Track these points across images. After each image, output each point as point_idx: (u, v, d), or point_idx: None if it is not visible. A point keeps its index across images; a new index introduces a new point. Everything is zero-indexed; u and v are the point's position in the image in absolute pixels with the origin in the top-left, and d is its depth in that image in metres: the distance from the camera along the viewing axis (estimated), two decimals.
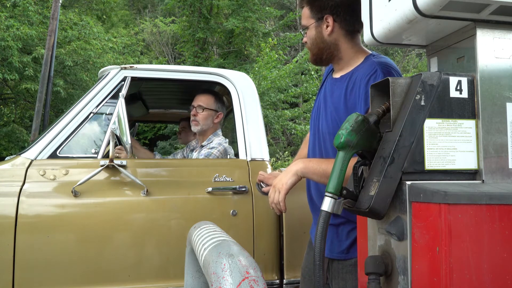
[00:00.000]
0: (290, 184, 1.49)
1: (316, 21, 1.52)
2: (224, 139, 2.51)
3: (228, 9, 15.51)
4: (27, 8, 10.31)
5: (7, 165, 1.96)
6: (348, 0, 1.50)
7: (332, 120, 1.53)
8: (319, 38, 1.53)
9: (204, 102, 2.51)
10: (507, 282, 0.90)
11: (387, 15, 1.15)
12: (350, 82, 1.49)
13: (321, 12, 1.51)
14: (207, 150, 2.38)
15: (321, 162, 1.49)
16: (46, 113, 7.11)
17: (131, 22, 19.92)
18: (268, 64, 11.89)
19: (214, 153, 2.35)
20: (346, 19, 1.51)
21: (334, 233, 1.52)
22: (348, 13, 1.50)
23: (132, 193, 2.01)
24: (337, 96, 1.53)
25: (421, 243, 0.93)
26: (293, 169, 1.50)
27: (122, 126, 1.82)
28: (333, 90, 1.57)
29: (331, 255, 1.52)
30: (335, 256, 1.51)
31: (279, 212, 1.56)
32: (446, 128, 1.03)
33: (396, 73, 1.46)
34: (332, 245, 1.52)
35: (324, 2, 1.50)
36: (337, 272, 1.50)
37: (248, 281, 0.91)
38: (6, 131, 10.60)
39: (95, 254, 1.90)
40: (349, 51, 1.54)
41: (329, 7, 1.50)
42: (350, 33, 1.53)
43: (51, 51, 6.83)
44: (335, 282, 1.51)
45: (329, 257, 1.53)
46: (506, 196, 0.92)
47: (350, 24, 1.52)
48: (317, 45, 1.54)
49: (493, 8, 1.00)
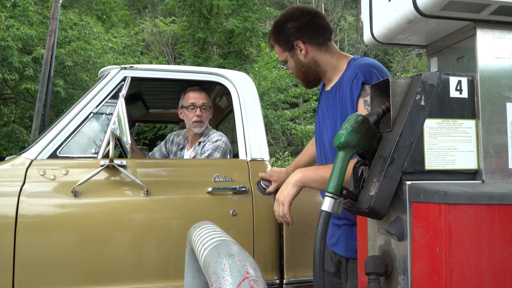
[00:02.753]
0: (292, 195, 1.53)
1: (289, 52, 1.61)
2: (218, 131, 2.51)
3: (228, 9, 15.52)
4: (27, 8, 10.31)
5: (7, 165, 1.96)
6: (305, 19, 1.59)
7: (332, 131, 1.57)
8: (298, 64, 1.62)
9: (207, 100, 2.49)
10: (507, 282, 0.90)
11: (387, 15, 1.15)
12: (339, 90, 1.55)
13: (289, 42, 1.60)
14: (212, 143, 2.35)
15: (318, 169, 1.53)
16: (46, 113, 7.11)
17: (131, 22, 19.93)
18: (268, 64, 11.89)
19: (220, 144, 2.34)
20: (312, 35, 1.58)
21: (349, 232, 1.53)
22: (311, 30, 1.58)
23: (132, 193, 2.01)
24: (332, 107, 1.58)
25: (421, 243, 0.93)
26: (292, 180, 1.53)
27: (122, 126, 1.82)
28: (327, 103, 1.63)
29: (346, 253, 1.53)
30: (351, 255, 1.51)
31: (287, 224, 1.60)
32: (446, 128, 1.03)
33: (378, 71, 1.48)
34: (347, 244, 1.53)
35: (287, 32, 1.59)
36: (353, 271, 1.49)
37: (248, 281, 0.91)
38: (6, 131, 10.60)
39: (95, 254, 1.90)
40: (329, 62, 1.61)
41: (292, 34, 1.58)
42: (322, 45, 1.60)
43: (51, 51, 6.83)
44: (350, 281, 1.52)
45: (345, 256, 1.54)
46: (506, 196, 0.92)
47: (317, 37, 1.59)
48: (300, 70, 1.63)
49: (493, 8, 1.00)
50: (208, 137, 2.43)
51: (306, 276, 2.11)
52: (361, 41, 15.80)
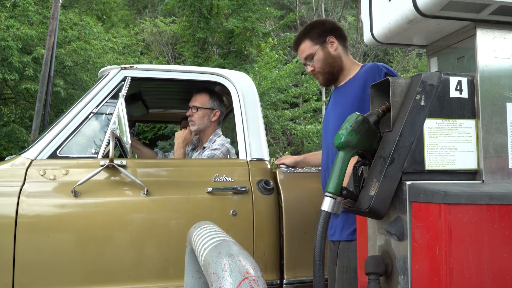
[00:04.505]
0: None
1: (321, 45, 1.82)
2: (225, 139, 2.50)
3: (228, 9, 15.50)
4: (27, 8, 10.30)
5: (7, 165, 1.96)
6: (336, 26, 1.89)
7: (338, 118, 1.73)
8: (328, 56, 1.81)
9: (199, 101, 2.51)
10: (507, 282, 0.90)
11: (387, 15, 1.15)
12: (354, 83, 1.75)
13: (322, 37, 1.82)
14: (210, 151, 2.37)
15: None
16: (46, 113, 7.10)
17: (131, 22, 19.92)
18: (268, 64, 11.88)
19: (217, 155, 2.35)
20: (342, 38, 1.86)
21: (345, 219, 1.65)
22: (341, 34, 1.87)
23: (132, 193, 2.01)
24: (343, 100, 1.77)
25: (421, 243, 0.93)
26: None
27: (122, 126, 1.82)
28: (337, 100, 1.83)
29: (340, 237, 1.68)
30: (344, 238, 1.66)
31: None
32: (446, 128, 1.03)
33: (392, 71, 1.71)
34: (343, 229, 1.67)
35: (322, 28, 1.84)
36: (343, 252, 1.65)
37: (248, 281, 0.91)
38: (6, 131, 10.59)
39: (95, 254, 1.90)
40: (348, 62, 1.86)
41: (328, 30, 1.84)
42: (345, 48, 1.87)
43: (51, 51, 6.83)
44: (340, 261, 1.65)
45: (339, 239, 1.67)
46: (506, 196, 0.92)
47: (344, 41, 1.87)
48: (327, 62, 1.81)
49: (493, 8, 1.00)
50: (212, 143, 2.44)
51: (306, 276, 2.11)
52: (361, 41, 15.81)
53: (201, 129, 2.51)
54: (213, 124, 2.53)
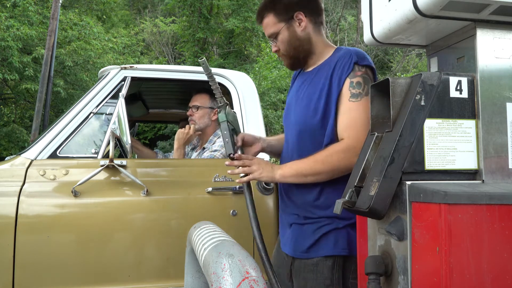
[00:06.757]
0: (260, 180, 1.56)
1: (286, 23, 1.50)
2: None
3: (228, 9, 15.52)
4: (27, 8, 10.31)
5: (7, 165, 1.96)
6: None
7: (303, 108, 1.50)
8: (293, 37, 1.51)
9: (199, 101, 2.52)
10: (507, 282, 0.90)
11: (387, 15, 1.15)
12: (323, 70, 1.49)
13: (288, 12, 1.50)
14: (210, 153, 2.37)
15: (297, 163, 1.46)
16: (46, 113, 7.11)
17: (131, 22, 19.92)
18: (268, 64, 11.89)
19: (217, 156, 2.35)
20: (313, 12, 1.52)
21: (300, 232, 1.48)
22: (314, 6, 1.52)
23: (132, 193, 2.01)
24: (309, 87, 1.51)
25: (421, 243, 0.93)
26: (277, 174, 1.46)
27: (122, 126, 1.82)
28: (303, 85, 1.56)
29: (294, 254, 1.48)
30: (298, 255, 1.47)
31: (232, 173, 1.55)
32: (446, 128, 1.03)
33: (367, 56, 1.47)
34: (296, 244, 1.48)
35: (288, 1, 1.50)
36: (298, 271, 1.46)
37: (248, 281, 0.91)
38: (6, 131, 10.60)
39: (95, 254, 1.90)
40: (320, 44, 1.54)
41: (295, 4, 1.49)
42: (318, 25, 1.54)
43: (51, 51, 6.83)
44: (296, 281, 1.48)
45: (292, 255, 1.49)
46: (506, 196, 0.92)
47: (317, 16, 1.53)
48: (292, 45, 1.52)
49: (493, 8, 1.00)
50: (212, 144, 2.45)
51: None
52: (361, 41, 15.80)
53: (202, 128, 2.51)
54: (213, 123, 2.54)
